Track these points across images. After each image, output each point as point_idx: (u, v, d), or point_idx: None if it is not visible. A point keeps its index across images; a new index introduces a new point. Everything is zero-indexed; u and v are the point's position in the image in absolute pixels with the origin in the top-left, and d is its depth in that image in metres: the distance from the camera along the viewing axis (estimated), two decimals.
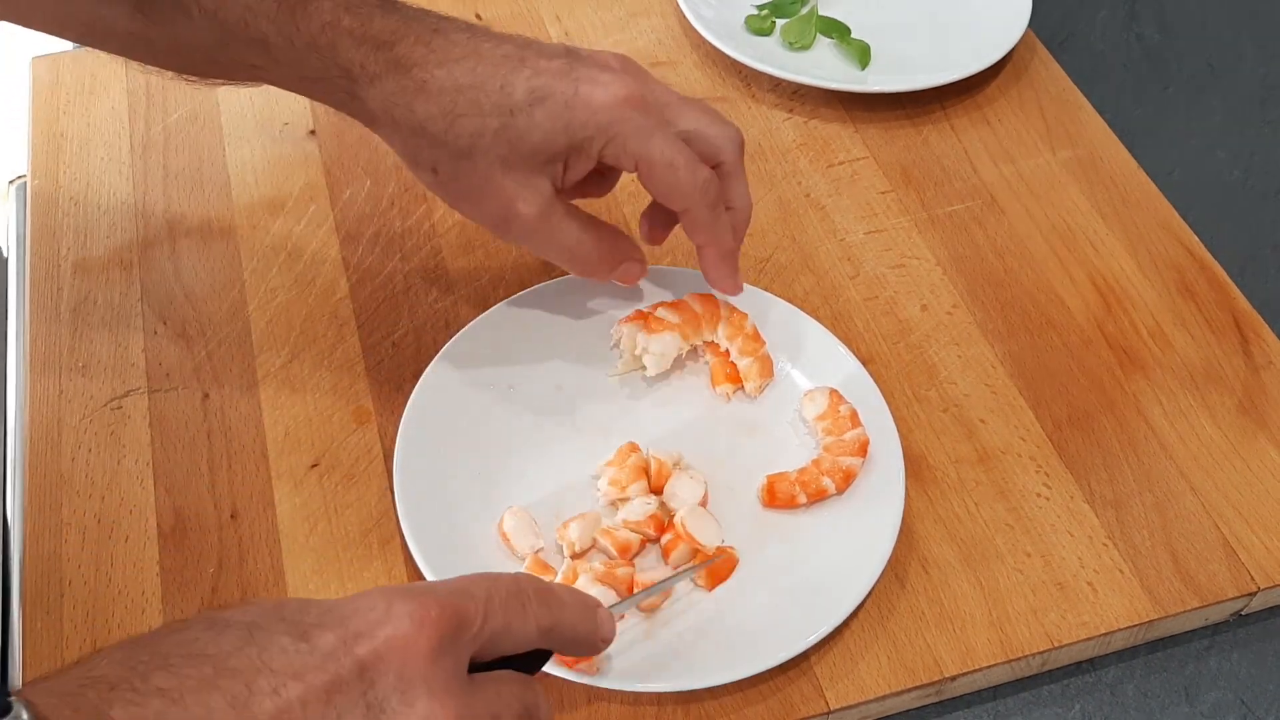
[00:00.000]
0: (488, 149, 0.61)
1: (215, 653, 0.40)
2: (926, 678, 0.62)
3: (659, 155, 0.62)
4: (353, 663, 0.41)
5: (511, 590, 0.46)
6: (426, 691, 0.42)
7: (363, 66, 0.61)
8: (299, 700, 0.40)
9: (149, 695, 0.38)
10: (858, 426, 0.68)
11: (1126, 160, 0.87)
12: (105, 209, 0.83)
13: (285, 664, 0.40)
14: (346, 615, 0.42)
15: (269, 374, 0.74)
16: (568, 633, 0.49)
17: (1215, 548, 0.67)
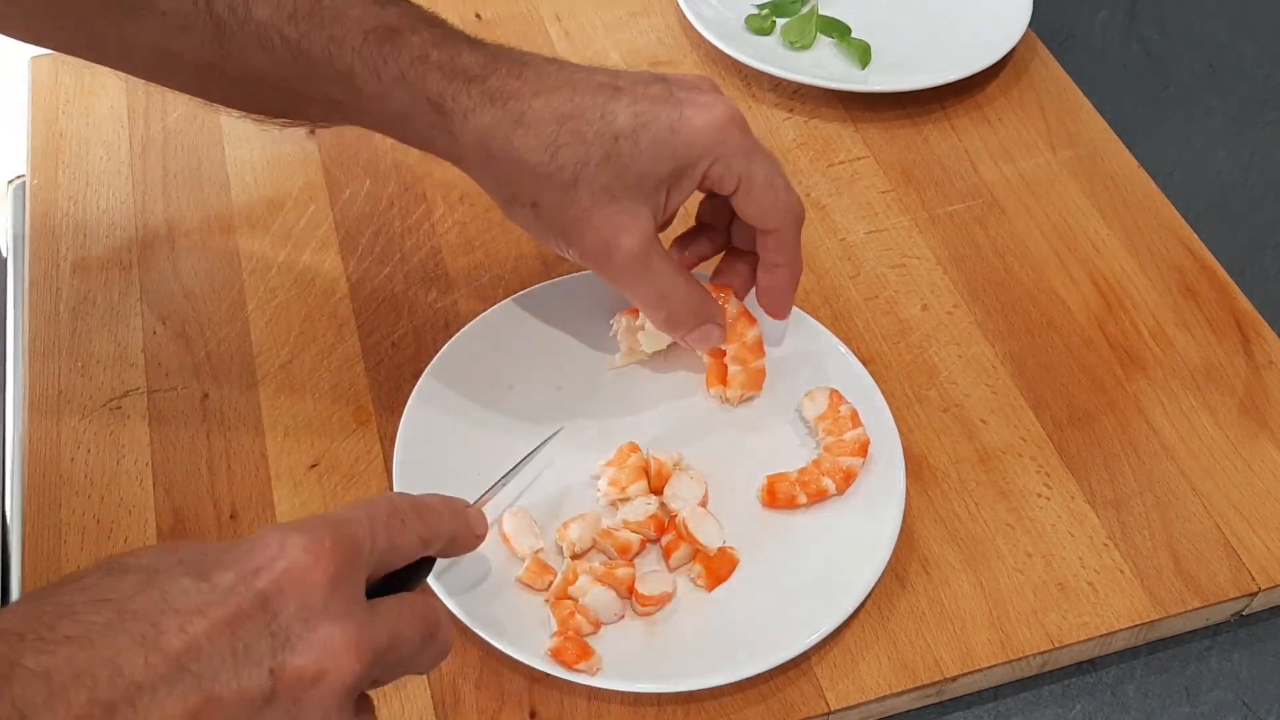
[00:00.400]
0: (593, 178, 0.60)
1: (117, 597, 0.41)
2: (927, 678, 0.62)
3: (762, 174, 0.62)
4: (254, 596, 0.42)
5: (389, 510, 0.49)
6: (328, 617, 0.43)
7: (455, 100, 0.60)
8: (205, 635, 0.41)
9: (57, 643, 0.39)
10: (858, 426, 0.68)
11: (1127, 160, 0.87)
12: (104, 209, 0.83)
13: (188, 603, 0.41)
14: (243, 553, 0.44)
15: (269, 374, 0.74)
16: (444, 537, 0.52)
17: (1216, 548, 0.67)
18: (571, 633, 0.60)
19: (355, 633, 0.44)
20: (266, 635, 0.42)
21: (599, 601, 0.61)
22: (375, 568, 0.47)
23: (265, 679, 0.42)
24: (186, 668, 0.40)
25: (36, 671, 0.38)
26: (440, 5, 0.96)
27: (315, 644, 0.43)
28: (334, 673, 0.43)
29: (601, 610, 0.61)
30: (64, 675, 0.39)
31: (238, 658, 0.41)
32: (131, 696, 0.39)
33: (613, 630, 0.62)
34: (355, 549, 0.46)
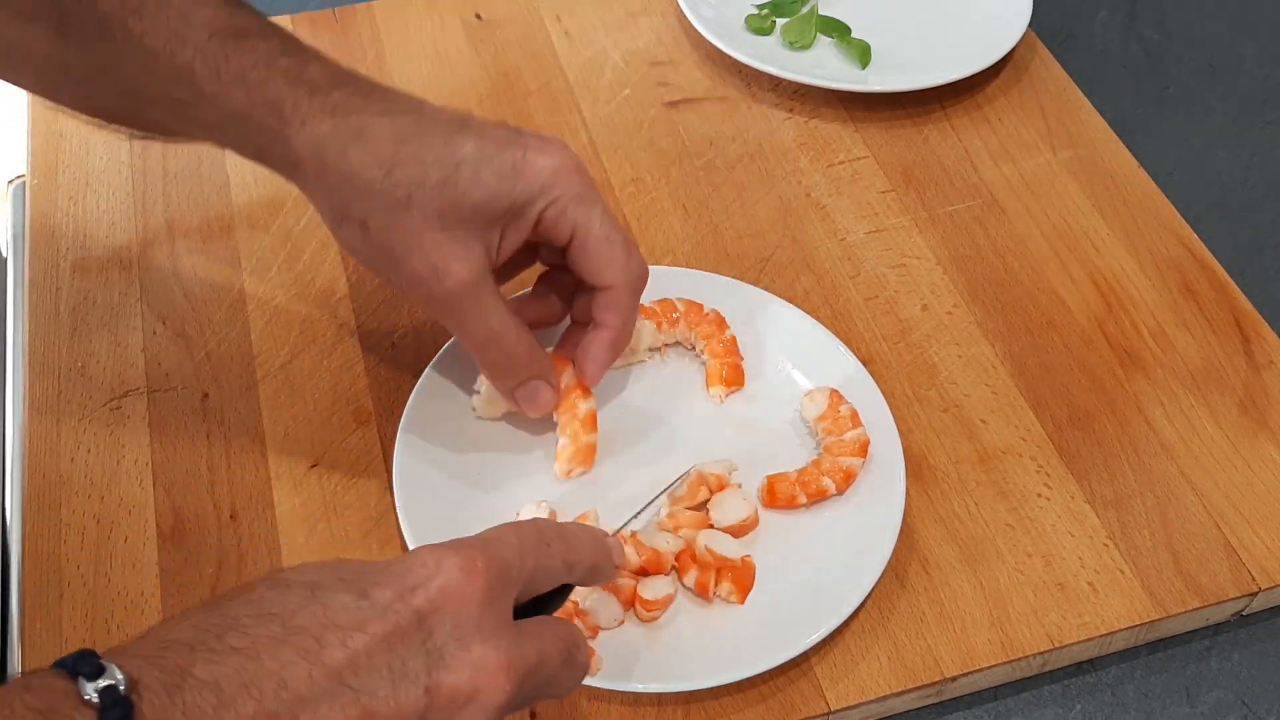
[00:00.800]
0: (427, 201, 0.58)
1: (281, 611, 0.42)
2: (927, 678, 0.62)
3: (598, 227, 0.61)
4: (411, 613, 0.44)
5: (535, 534, 0.50)
6: (480, 636, 0.44)
7: (294, 106, 0.58)
8: (365, 650, 0.42)
9: (226, 654, 0.41)
10: (858, 426, 0.68)
11: (1127, 160, 0.87)
12: (105, 209, 0.83)
13: (349, 618, 0.43)
14: (401, 572, 0.45)
15: (269, 374, 0.74)
16: (586, 563, 0.52)
17: (1216, 548, 0.67)
18: None
19: (507, 652, 0.45)
20: (422, 653, 0.43)
21: (599, 607, 0.61)
22: (522, 590, 0.48)
23: (421, 696, 0.43)
24: (347, 683, 0.42)
25: (206, 681, 0.40)
26: (440, 6, 0.97)
27: (469, 663, 0.44)
28: (486, 692, 0.44)
29: (601, 615, 0.61)
30: (233, 686, 0.40)
31: (395, 674, 0.43)
32: (295, 709, 0.41)
33: (613, 630, 0.62)
34: (506, 569, 0.47)
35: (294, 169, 0.60)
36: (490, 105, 0.89)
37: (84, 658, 0.39)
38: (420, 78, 0.91)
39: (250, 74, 0.58)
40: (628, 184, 0.85)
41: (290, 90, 0.58)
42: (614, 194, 0.84)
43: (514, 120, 0.88)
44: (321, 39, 0.93)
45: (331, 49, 0.92)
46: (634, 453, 0.69)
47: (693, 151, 0.87)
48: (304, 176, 0.60)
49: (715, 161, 0.86)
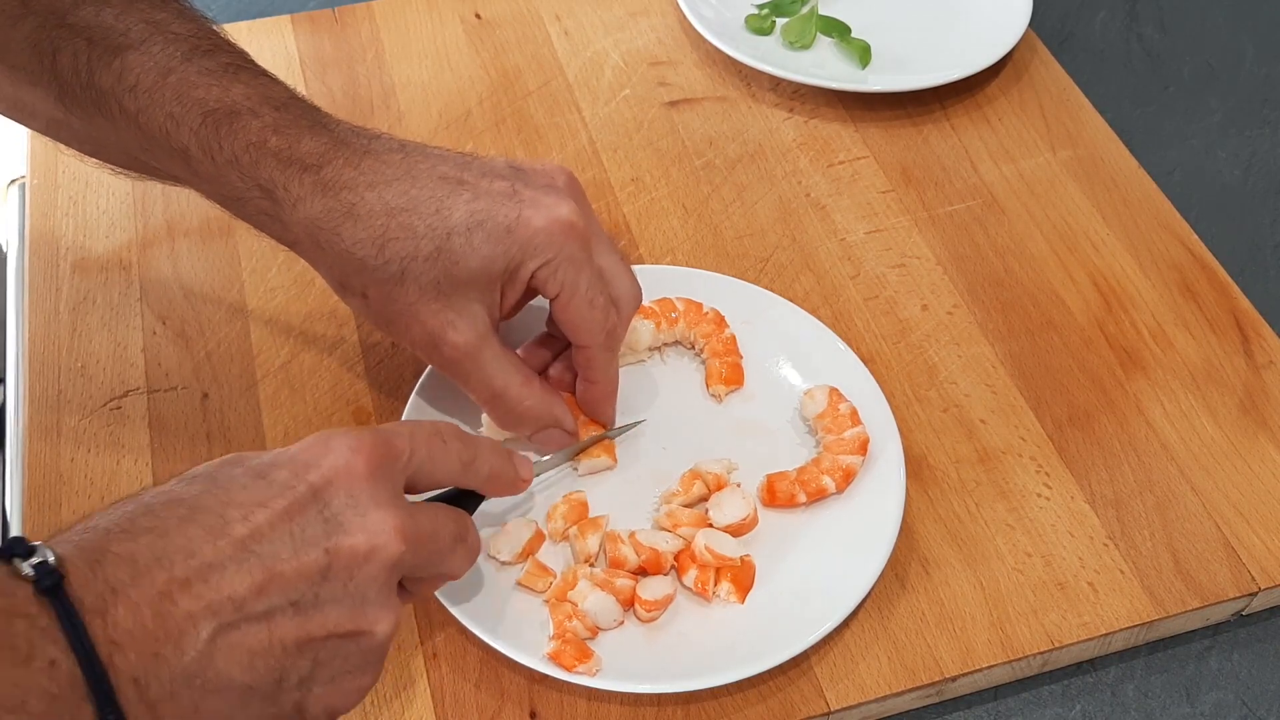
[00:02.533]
0: (420, 273, 0.60)
1: (187, 496, 0.47)
2: (927, 678, 0.62)
3: (583, 290, 0.62)
4: (306, 488, 0.48)
5: (432, 429, 0.54)
6: (374, 504, 0.48)
7: (286, 188, 0.59)
8: (266, 523, 0.46)
9: (139, 533, 0.45)
10: (858, 425, 0.68)
11: (1127, 160, 0.87)
12: (104, 209, 0.83)
13: (248, 497, 0.47)
14: (294, 454, 0.49)
15: (269, 374, 0.74)
16: (485, 468, 0.56)
17: (1216, 548, 0.67)
18: (570, 636, 0.60)
19: (398, 518, 0.49)
20: (320, 520, 0.47)
21: (598, 607, 0.61)
22: (414, 476, 0.52)
23: (321, 557, 0.47)
24: (252, 549, 0.46)
25: (123, 555, 0.44)
26: (440, 5, 0.97)
27: (364, 526, 0.48)
28: (381, 550, 0.48)
29: (600, 616, 0.61)
30: (146, 558, 0.44)
31: (295, 540, 0.47)
32: (204, 574, 0.44)
33: (612, 630, 0.62)
34: (392, 450, 0.50)
35: (293, 245, 0.62)
36: (490, 105, 0.90)
37: (16, 541, 0.43)
38: (420, 78, 0.91)
39: (243, 157, 0.59)
40: (628, 184, 0.85)
41: (281, 172, 0.59)
42: (614, 194, 0.84)
43: (513, 120, 0.88)
44: (321, 39, 0.94)
45: (331, 49, 0.93)
46: (634, 452, 0.69)
47: (693, 151, 0.87)
48: (303, 251, 0.62)
49: (715, 161, 0.86)
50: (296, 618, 0.46)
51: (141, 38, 0.60)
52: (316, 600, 0.47)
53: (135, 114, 0.60)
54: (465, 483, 0.56)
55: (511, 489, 0.59)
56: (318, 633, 0.47)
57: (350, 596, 0.48)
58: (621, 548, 0.63)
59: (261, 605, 0.45)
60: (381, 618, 0.49)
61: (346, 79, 0.91)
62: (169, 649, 0.43)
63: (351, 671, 0.49)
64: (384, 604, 0.49)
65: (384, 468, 0.50)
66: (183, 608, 0.44)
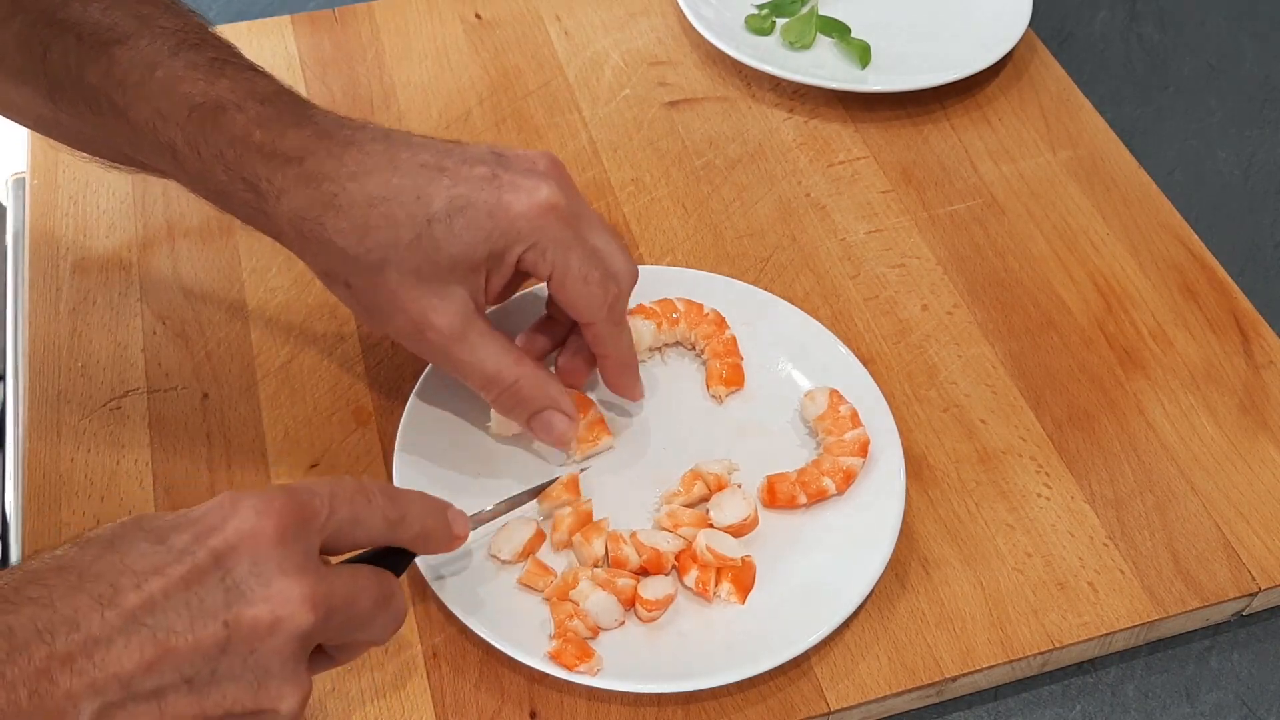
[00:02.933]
0: (401, 260, 0.59)
1: (79, 563, 0.44)
2: (927, 678, 0.62)
3: (575, 268, 0.61)
4: (207, 554, 0.45)
5: (356, 487, 0.51)
6: (280, 572, 0.45)
7: (270, 181, 0.59)
8: (161, 591, 0.44)
9: (21, 604, 0.42)
10: (858, 426, 0.68)
11: (1127, 160, 0.87)
12: (104, 209, 0.83)
13: (145, 564, 0.44)
14: (197, 517, 0.46)
15: (269, 374, 0.74)
16: (416, 526, 0.53)
17: (1216, 548, 0.67)
18: (571, 635, 0.60)
19: (309, 585, 0.46)
20: (220, 589, 0.44)
21: (599, 607, 0.61)
22: (333, 537, 0.49)
23: (220, 629, 0.44)
24: (143, 622, 0.43)
25: (0, 630, 0.41)
26: (440, 5, 0.97)
27: (268, 596, 0.45)
28: (287, 621, 0.45)
29: (601, 616, 0.61)
30: (26, 632, 0.41)
31: (192, 611, 0.44)
32: (89, 649, 0.42)
33: (613, 630, 0.62)
34: (306, 512, 0.48)
35: (279, 237, 0.62)
36: (490, 105, 0.90)
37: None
38: (420, 78, 0.91)
39: (227, 151, 0.60)
40: (628, 184, 0.85)
41: (265, 166, 0.59)
42: (614, 194, 0.84)
43: (513, 120, 0.88)
44: (321, 39, 0.94)
45: (331, 49, 0.93)
46: (634, 452, 0.69)
47: (693, 151, 0.87)
48: (288, 244, 0.62)
49: (715, 161, 0.86)
50: (190, 695, 0.44)
51: (129, 32, 0.60)
52: (214, 676, 0.44)
53: (124, 109, 0.60)
54: (393, 541, 0.53)
55: (444, 547, 0.56)
56: (214, 712, 0.44)
57: (251, 672, 0.45)
58: (623, 548, 0.63)
59: (151, 683, 0.43)
60: (286, 694, 0.46)
61: (346, 79, 0.91)
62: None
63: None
64: (289, 679, 0.46)
65: (295, 530, 0.47)
66: (62, 687, 0.41)
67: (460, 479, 0.67)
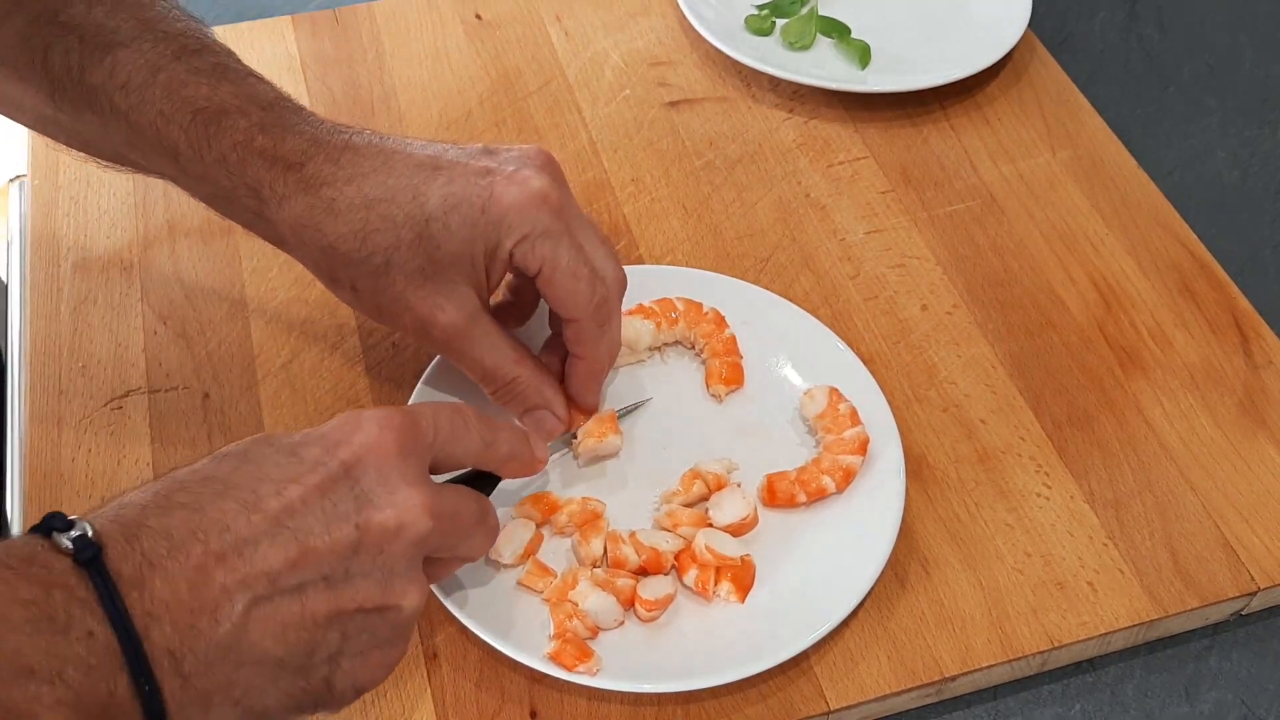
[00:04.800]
0: (405, 261, 0.61)
1: (220, 474, 0.48)
2: (926, 678, 0.62)
3: (565, 262, 0.62)
4: (338, 464, 0.48)
5: (454, 410, 0.55)
6: (403, 482, 0.49)
7: (271, 187, 0.60)
8: (300, 499, 0.47)
9: (173, 509, 0.45)
10: (857, 425, 0.68)
11: (1126, 160, 0.87)
12: (105, 209, 0.83)
13: (281, 474, 0.48)
14: (324, 432, 0.50)
15: (269, 374, 0.74)
16: (504, 448, 0.57)
17: (1215, 547, 0.67)
18: (570, 635, 0.60)
19: (427, 495, 0.50)
20: (351, 497, 0.48)
21: (598, 608, 0.61)
22: (439, 455, 0.53)
23: (353, 532, 0.48)
24: (284, 524, 0.46)
25: (158, 530, 0.44)
26: (440, 6, 0.97)
27: (394, 503, 0.49)
28: (410, 527, 0.49)
29: (601, 616, 0.61)
30: (182, 532, 0.45)
31: (328, 515, 0.47)
32: (239, 548, 0.45)
33: (613, 630, 0.62)
34: (418, 428, 0.51)
35: (280, 243, 0.64)
36: (490, 105, 0.90)
37: (55, 516, 0.44)
38: (420, 78, 0.91)
39: (230, 155, 0.60)
40: (628, 184, 0.85)
41: (267, 171, 0.60)
42: (614, 194, 0.84)
43: (514, 120, 0.88)
44: (322, 39, 0.94)
45: (332, 50, 0.93)
46: (634, 452, 0.69)
47: (693, 151, 0.87)
48: (290, 249, 0.64)
49: (715, 162, 0.86)
50: (328, 592, 0.47)
51: (132, 36, 0.61)
52: (347, 575, 0.47)
53: (126, 111, 0.61)
54: (485, 463, 0.57)
55: (528, 470, 0.60)
56: (348, 606, 0.48)
57: (379, 571, 0.48)
58: (622, 548, 0.63)
59: (294, 579, 0.46)
60: (409, 592, 0.50)
61: (347, 80, 0.91)
62: (204, 621, 0.44)
63: (379, 646, 0.50)
64: (411, 579, 0.50)
65: (412, 446, 0.50)
66: (218, 581, 0.44)
67: None
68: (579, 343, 0.66)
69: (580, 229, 0.63)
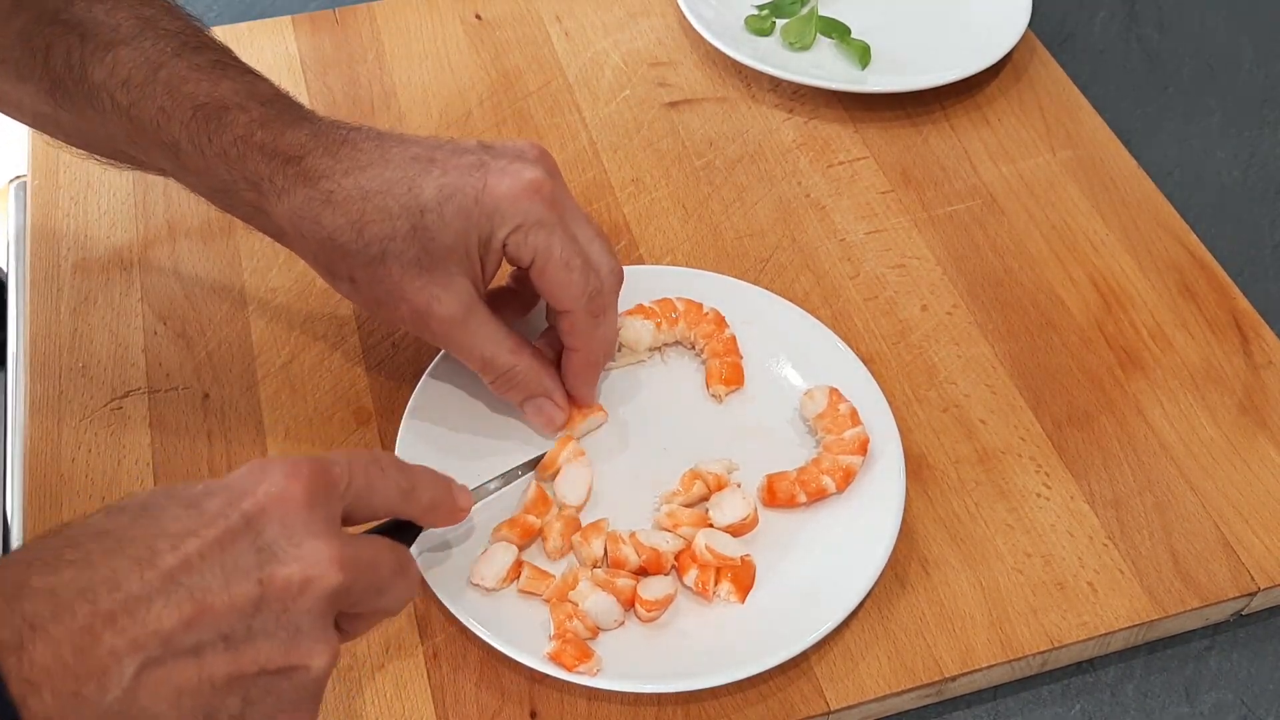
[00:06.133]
0: (401, 252, 0.61)
1: (115, 528, 0.45)
2: (926, 678, 0.62)
3: (558, 252, 0.62)
4: (239, 517, 0.46)
5: (370, 458, 0.53)
6: (309, 534, 0.47)
7: (270, 180, 0.61)
8: (196, 553, 0.44)
9: (61, 566, 0.43)
10: (857, 425, 0.68)
11: (1126, 160, 0.87)
12: (105, 209, 0.83)
13: (180, 528, 0.45)
14: (228, 483, 0.47)
15: (269, 374, 0.74)
16: (425, 497, 0.55)
17: (1215, 548, 0.67)
18: (570, 635, 0.60)
19: (336, 548, 0.47)
20: (253, 551, 0.45)
21: (598, 608, 0.61)
22: (353, 504, 0.51)
23: (254, 588, 0.45)
24: (180, 582, 0.44)
25: (43, 590, 0.42)
26: (440, 6, 0.97)
27: (299, 556, 0.46)
28: (318, 581, 0.46)
29: (600, 616, 0.61)
30: (68, 592, 0.42)
31: (228, 571, 0.45)
32: (130, 608, 0.42)
33: (613, 630, 0.62)
34: (330, 478, 0.49)
35: (279, 236, 0.64)
36: (490, 105, 0.90)
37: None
38: (420, 78, 0.91)
39: (230, 150, 0.61)
40: (628, 184, 0.85)
41: (266, 164, 0.61)
42: (614, 194, 0.84)
43: (514, 120, 0.88)
44: (322, 40, 0.94)
45: (332, 50, 0.93)
46: (634, 452, 0.69)
47: (693, 152, 0.87)
48: (290, 242, 0.64)
49: (715, 162, 0.86)
50: (227, 653, 0.44)
51: (133, 33, 0.61)
52: (249, 634, 0.45)
53: (127, 107, 0.61)
54: (404, 512, 0.55)
55: (450, 519, 0.58)
56: (249, 668, 0.45)
57: (284, 630, 0.46)
58: (622, 548, 0.63)
59: (190, 640, 0.43)
60: (317, 651, 0.47)
61: (347, 80, 0.91)
62: (90, 687, 0.41)
63: (285, 710, 0.47)
64: (319, 638, 0.47)
65: (321, 495, 0.48)
66: (106, 643, 0.42)
67: (462, 478, 0.67)
68: (573, 335, 0.66)
69: (574, 221, 0.64)
